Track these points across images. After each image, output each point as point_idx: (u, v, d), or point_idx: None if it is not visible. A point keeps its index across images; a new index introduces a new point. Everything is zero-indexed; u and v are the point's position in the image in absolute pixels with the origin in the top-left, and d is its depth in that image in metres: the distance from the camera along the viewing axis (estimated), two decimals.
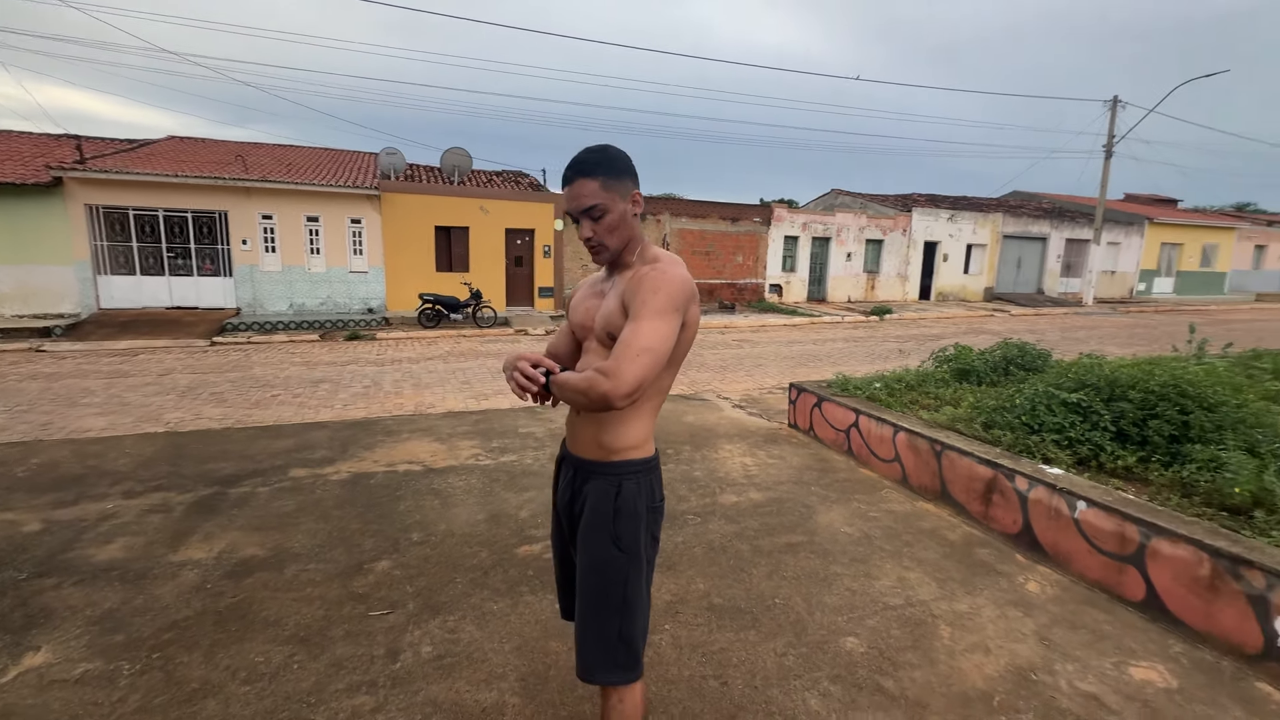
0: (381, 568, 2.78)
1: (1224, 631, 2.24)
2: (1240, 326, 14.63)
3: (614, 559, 1.34)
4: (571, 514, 1.44)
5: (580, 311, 1.45)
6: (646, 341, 1.19)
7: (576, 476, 1.43)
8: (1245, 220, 29.26)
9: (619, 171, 1.30)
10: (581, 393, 1.21)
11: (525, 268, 15.38)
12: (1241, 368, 4.78)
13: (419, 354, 9.65)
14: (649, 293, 1.24)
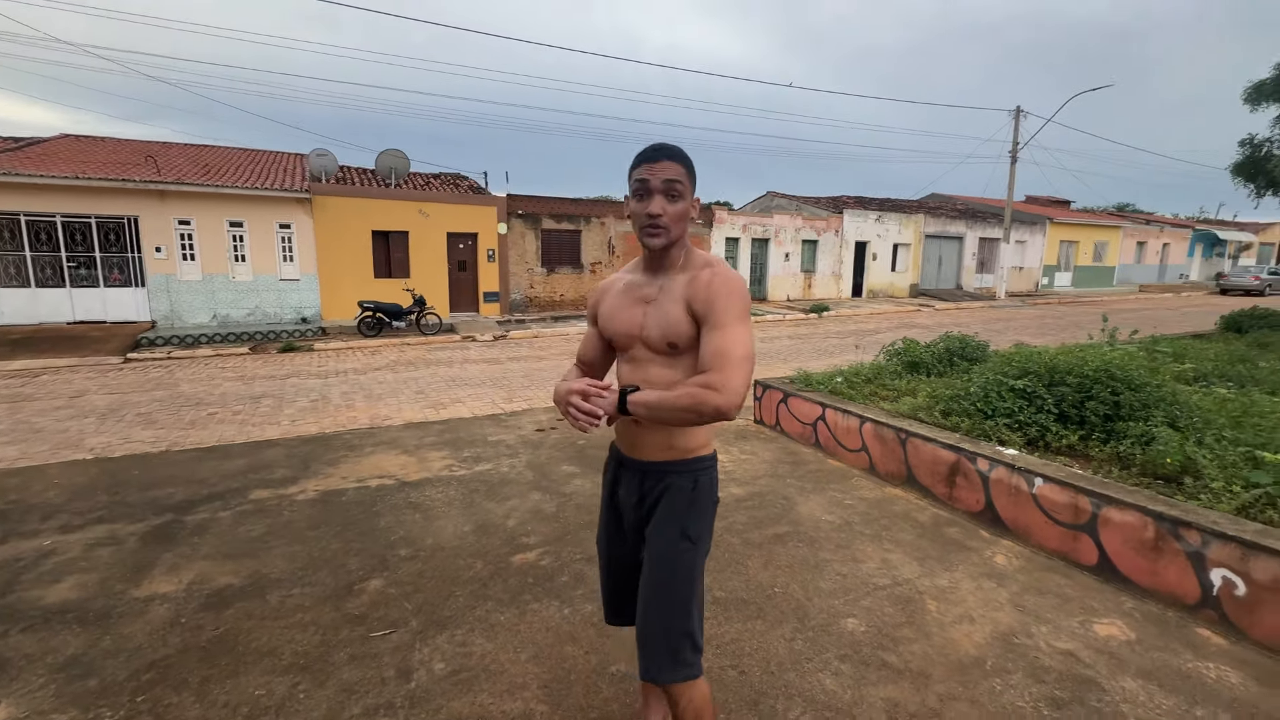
0: (374, 587, 2.68)
1: (1167, 586, 2.52)
2: (1131, 314, 16.25)
3: (683, 550, 1.37)
4: (640, 514, 1.46)
5: (621, 320, 1.41)
6: (745, 348, 1.20)
7: (646, 480, 1.44)
8: (1128, 219, 32.50)
9: (694, 174, 1.33)
10: (688, 409, 1.19)
11: (469, 272, 15.02)
12: (1146, 353, 5.35)
13: (364, 364, 9.25)
14: (728, 297, 1.24)
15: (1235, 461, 2.83)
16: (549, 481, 3.97)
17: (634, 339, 1.39)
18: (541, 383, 7.70)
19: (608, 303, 1.47)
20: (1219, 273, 29.14)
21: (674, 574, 1.38)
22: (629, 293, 1.43)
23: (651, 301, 1.36)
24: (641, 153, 1.31)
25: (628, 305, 1.41)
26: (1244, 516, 2.49)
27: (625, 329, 1.40)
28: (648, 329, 1.35)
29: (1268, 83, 7.63)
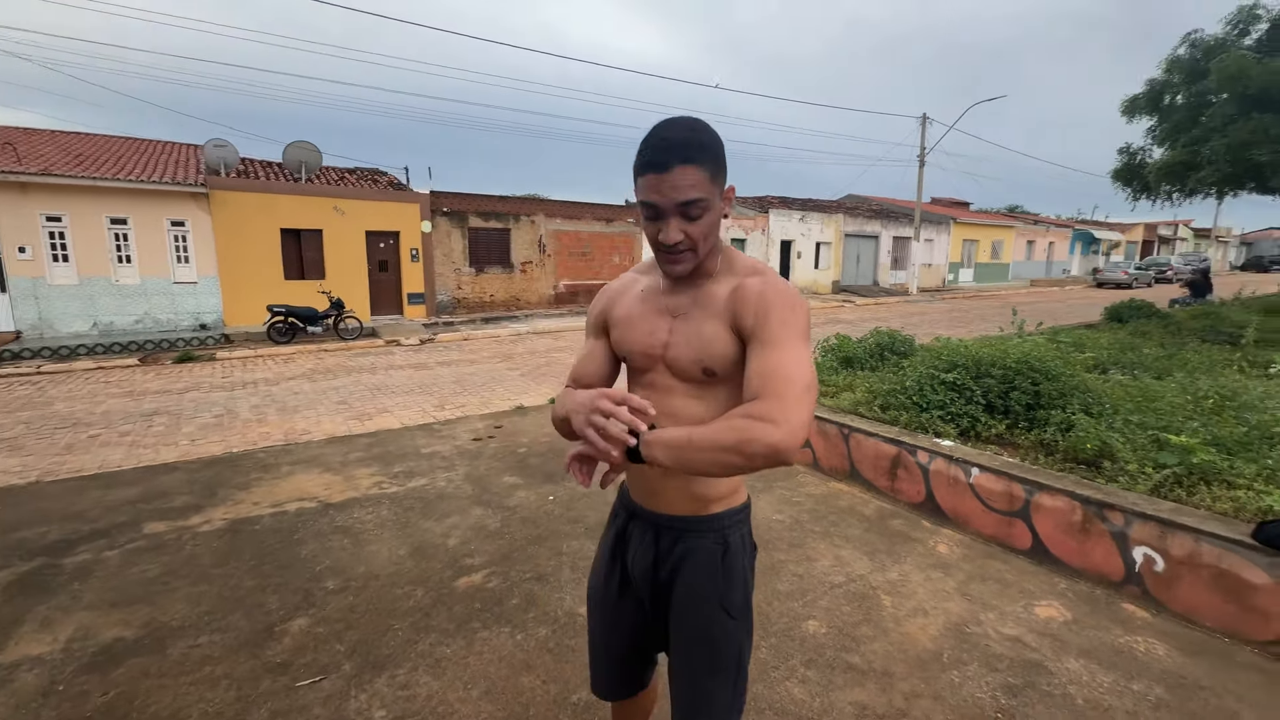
0: (298, 627, 2.39)
1: (1095, 566, 2.68)
2: (1028, 306, 17.72)
3: (726, 627, 1.12)
4: (655, 580, 1.17)
5: (639, 334, 1.11)
6: (807, 374, 0.93)
7: (661, 538, 1.16)
8: (1019, 220, 35.52)
9: (721, 159, 1.00)
10: (731, 449, 0.86)
11: (391, 273, 14.23)
12: (1052, 344, 5.77)
13: (276, 374, 8.52)
14: (787, 310, 0.97)
15: (1144, 444, 3.06)
16: (490, 495, 3.75)
17: (655, 359, 1.10)
18: (475, 388, 7.37)
19: (621, 309, 1.17)
20: (1095, 268, 32.47)
21: (719, 654, 1.12)
22: (650, 300, 1.13)
23: (680, 315, 1.08)
24: (645, 152, 0.97)
25: (648, 317, 1.12)
26: (1157, 496, 2.68)
27: (644, 345, 1.11)
28: (675, 348, 1.07)
29: (1140, 97, 8.52)
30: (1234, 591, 2.26)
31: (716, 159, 0.99)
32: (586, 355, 1.23)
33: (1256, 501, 2.47)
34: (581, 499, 3.67)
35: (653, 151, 0.96)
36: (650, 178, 0.97)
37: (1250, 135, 6.95)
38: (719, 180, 1.00)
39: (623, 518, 1.26)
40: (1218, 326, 8.51)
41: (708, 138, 0.99)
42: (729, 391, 1.06)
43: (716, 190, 1.00)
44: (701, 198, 0.97)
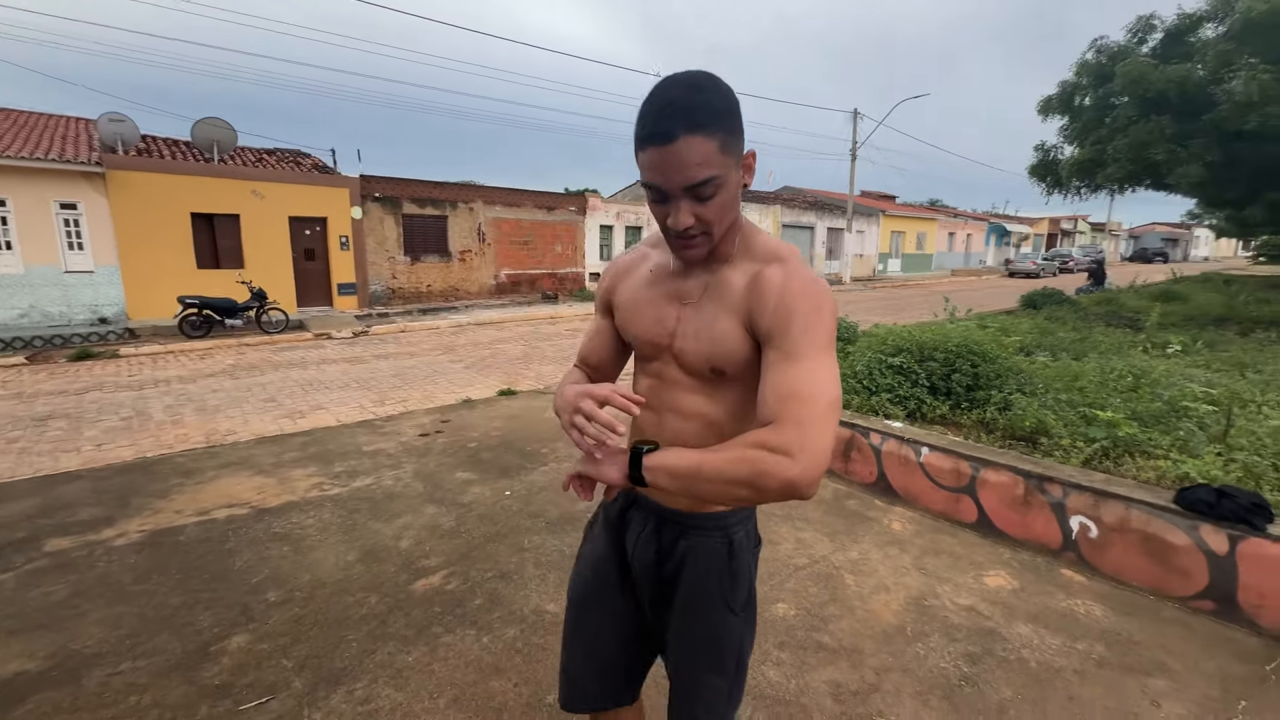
0: (237, 645, 2.19)
1: (1035, 535, 2.85)
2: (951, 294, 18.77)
3: (730, 626, 1.07)
4: (659, 577, 1.10)
5: (645, 321, 1.03)
6: (831, 392, 0.82)
7: (663, 531, 1.09)
8: (941, 213, 37.64)
9: (737, 122, 0.85)
10: (742, 483, 0.79)
11: (319, 262, 13.41)
12: (981, 329, 6.13)
13: (192, 371, 7.85)
14: (812, 314, 0.85)
15: (1074, 420, 3.28)
16: (443, 492, 3.59)
17: (661, 349, 1.01)
18: (416, 382, 7.05)
19: (626, 291, 1.07)
20: (1008, 259, 34.92)
21: (722, 653, 1.07)
22: (658, 283, 1.03)
23: (691, 303, 0.98)
24: (645, 120, 0.83)
25: (656, 301, 1.02)
26: (1089, 468, 2.88)
27: (650, 334, 1.02)
28: (683, 340, 0.98)
29: (1054, 98, 9.15)
30: (1159, 553, 2.45)
31: (730, 123, 0.84)
32: (594, 333, 1.14)
33: (1175, 470, 2.69)
34: (540, 493, 3.57)
35: (654, 119, 0.82)
36: (652, 152, 0.83)
37: (1149, 135, 7.61)
38: (734, 149, 0.85)
39: (620, 503, 1.16)
40: (1119, 312, 9.33)
41: (718, 98, 0.83)
42: (741, 390, 0.97)
43: (732, 161, 0.85)
44: (713, 176, 0.83)
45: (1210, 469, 2.62)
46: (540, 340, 10.38)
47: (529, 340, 10.35)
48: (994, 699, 1.93)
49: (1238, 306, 9.95)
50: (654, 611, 1.13)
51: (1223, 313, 9.55)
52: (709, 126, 0.81)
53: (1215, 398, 3.48)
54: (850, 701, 1.92)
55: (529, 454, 4.25)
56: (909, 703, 1.91)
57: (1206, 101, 7.20)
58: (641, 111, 0.85)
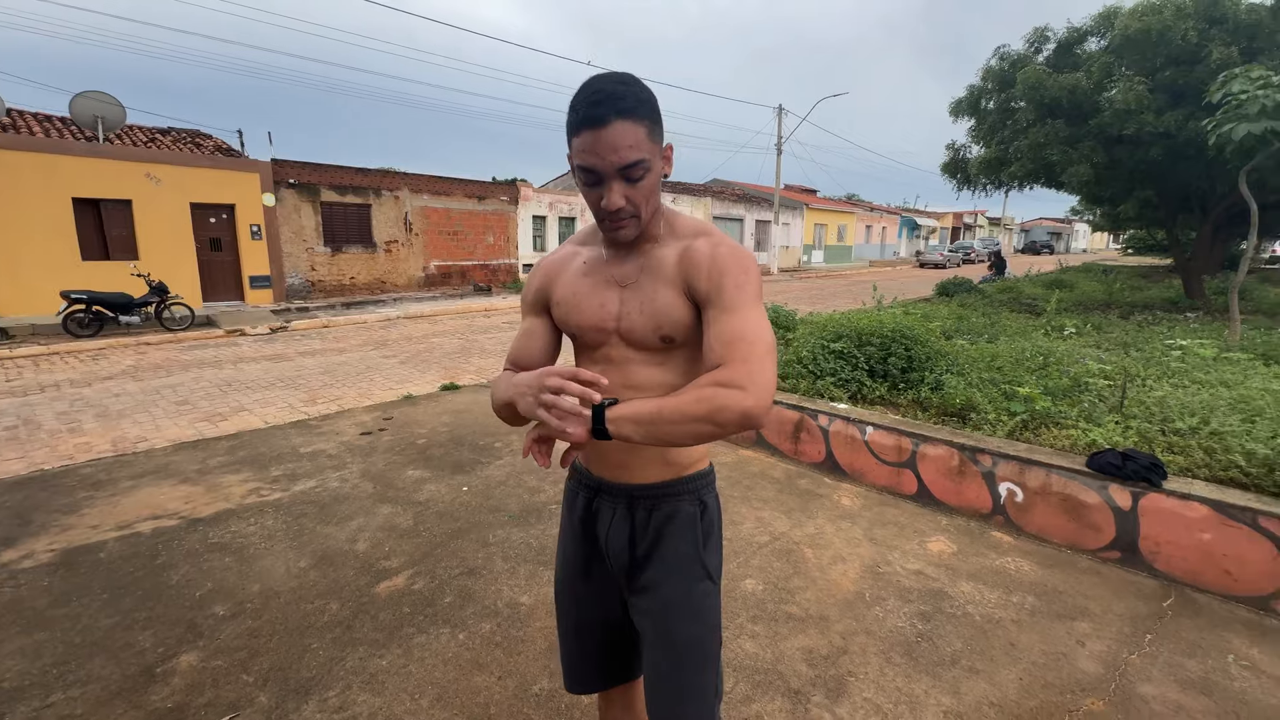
0: (187, 664, 2.04)
1: (968, 503, 3.11)
2: (873, 284, 19.94)
3: (706, 593, 1.11)
4: (633, 556, 1.13)
5: (588, 309, 1.07)
6: (768, 337, 0.92)
7: (635, 508, 1.12)
8: (859, 207, 39.66)
9: (658, 115, 0.96)
10: (702, 419, 0.86)
11: (227, 253, 12.38)
12: (907, 315, 6.55)
13: (85, 374, 7.07)
14: (741, 273, 0.96)
15: (997, 397, 3.60)
16: (396, 491, 3.45)
17: (608, 333, 1.06)
18: (349, 379, 6.70)
19: (564, 286, 1.11)
20: (918, 250, 37.34)
21: (705, 625, 1.11)
22: (594, 273, 1.09)
23: (630, 284, 1.05)
24: (579, 107, 0.91)
25: (595, 289, 1.07)
26: (1013, 439, 3.17)
27: (595, 320, 1.07)
28: (628, 319, 1.04)
29: (963, 101, 9.88)
30: (1074, 511, 2.75)
31: (654, 114, 0.95)
32: (525, 335, 1.16)
33: (1084, 437, 3.01)
34: (498, 487, 3.51)
35: (588, 106, 0.90)
36: (586, 135, 0.91)
37: (1045, 138, 8.38)
38: (657, 137, 0.96)
39: (585, 496, 1.19)
40: (1020, 299, 10.23)
41: (644, 92, 0.94)
42: (689, 355, 1.05)
43: (656, 149, 0.96)
44: (643, 159, 0.93)
45: (1112, 435, 2.96)
46: (476, 333, 10.11)
47: (464, 333, 10.05)
48: (947, 651, 2.11)
49: (1116, 293, 11.17)
50: (631, 593, 1.16)
51: (1105, 298, 10.69)
52: (637, 113, 0.91)
53: (1110, 373, 3.92)
54: (822, 665, 2.04)
55: (482, 448, 4.16)
56: (875, 660, 2.06)
57: (1093, 108, 8.01)
58: (574, 101, 0.93)
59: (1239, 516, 2.35)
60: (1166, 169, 8.31)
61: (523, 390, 0.94)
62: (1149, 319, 7.94)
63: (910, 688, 1.93)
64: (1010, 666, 2.03)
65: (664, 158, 1.00)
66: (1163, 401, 3.34)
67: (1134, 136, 7.83)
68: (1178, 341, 5.10)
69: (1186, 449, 2.80)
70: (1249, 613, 2.32)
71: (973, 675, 1.99)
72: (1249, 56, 7.02)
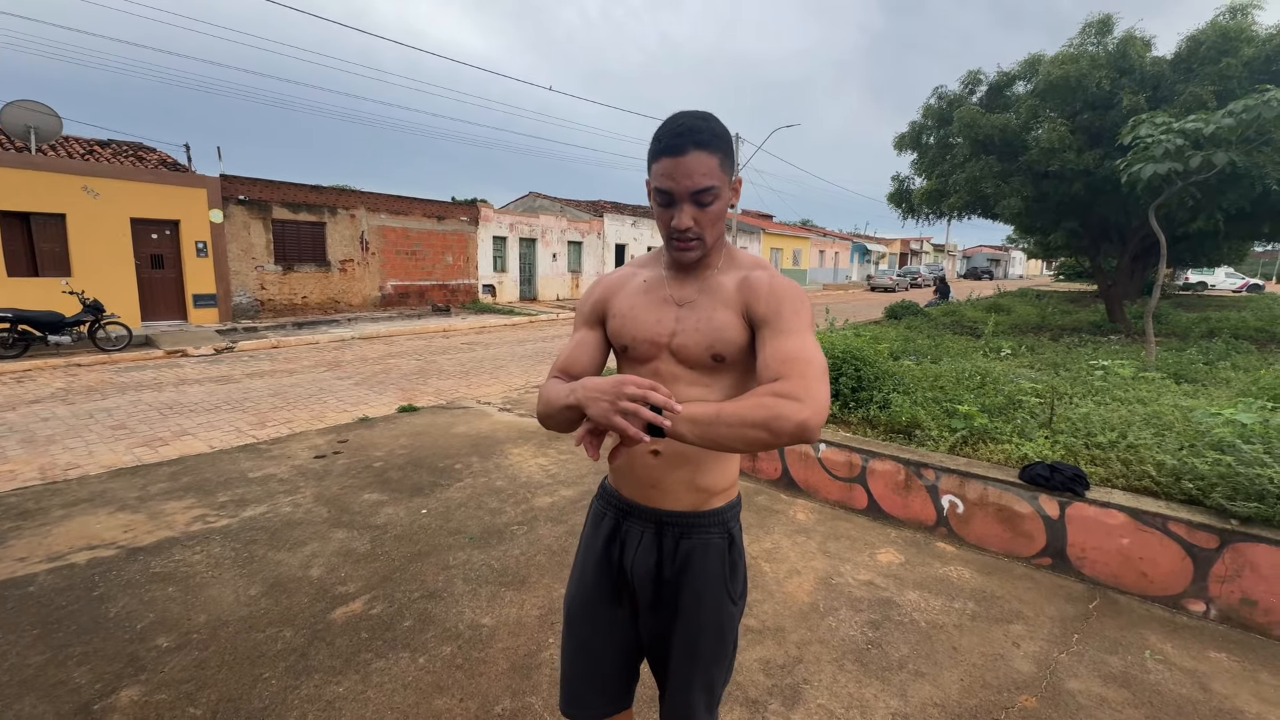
0: (128, 699, 1.95)
1: (914, 515, 3.27)
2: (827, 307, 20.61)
3: (731, 613, 1.17)
4: (660, 579, 1.15)
5: (644, 323, 1.12)
6: (823, 360, 0.98)
7: (664, 535, 1.14)
8: (813, 233, 41.11)
9: (731, 150, 1.05)
10: (759, 425, 0.88)
11: (169, 270, 11.86)
12: (858, 337, 6.84)
13: (9, 397, 6.62)
14: (797, 301, 1.04)
15: (939, 414, 3.81)
16: (351, 515, 3.38)
17: (660, 348, 1.11)
18: (300, 401, 6.50)
19: (621, 300, 1.17)
20: (869, 275, 38.91)
21: (725, 643, 1.17)
22: (654, 290, 1.15)
23: (687, 304, 1.11)
24: (661, 136, 1.02)
25: (653, 305, 1.13)
26: (954, 453, 3.36)
27: (649, 334, 1.11)
28: (683, 335, 1.09)
29: (906, 135, 10.50)
30: (1009, 521, 2.94)
31: (727, 148, 1.04)
32: (577, 345, 1.20)
33: (1016, 451, 3.23)
34: (459, 508, 3.48)
35: (670, 137, 1.00)
36: (665, 162, 1.01)
37: (980, 172, 8.98)
38: (728, 170, 1.04)
39: (612, 517, 1.21)
40: (961, 321, 10.79)
41: (720, 128, 1.03)
42: (734, 377, 1.10)
43: (726, 180, 1.04)
44: (714, 185, 1.01)
45: (1042, 449, 3.18)
46: (435, 354, 9.97)
47: (423, 354, 9.90)
48: (895, 656, 2.22)
49: (1048, 316, 11.92)
50: (653, 616, 1.18)
51: (1038, 321, 11.39)
52: (712, 145, 1.01)
53: (1040, 391, 4.21)
54: (779, 674, 2.11)
55: (441, 470, 4.12)
56: (828, 668, 2.15)
57: (1022, 145, 8.65)
58: (658, 132, 1.04)
59: (1151, 522, 2.57)
60: (1088, 203, 9.01)
61: (595, 395, 0.93)
62: (1076, 340, 8.51)
63: (861, 693, 2.03)
64: (953, 669, 2.15)
65: (733, 189, 1.07)
66: (1086, 417, 3.61)
67: (1059, 172, 8.48)
68: (1100, 362, 5.50)
69: (1106, 460, 3.04)
70: (1163, 611, 2.52)
71: (918, 678, 2.10)
72: (1154, 104, 7.74)
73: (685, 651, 1.15)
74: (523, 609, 2.48)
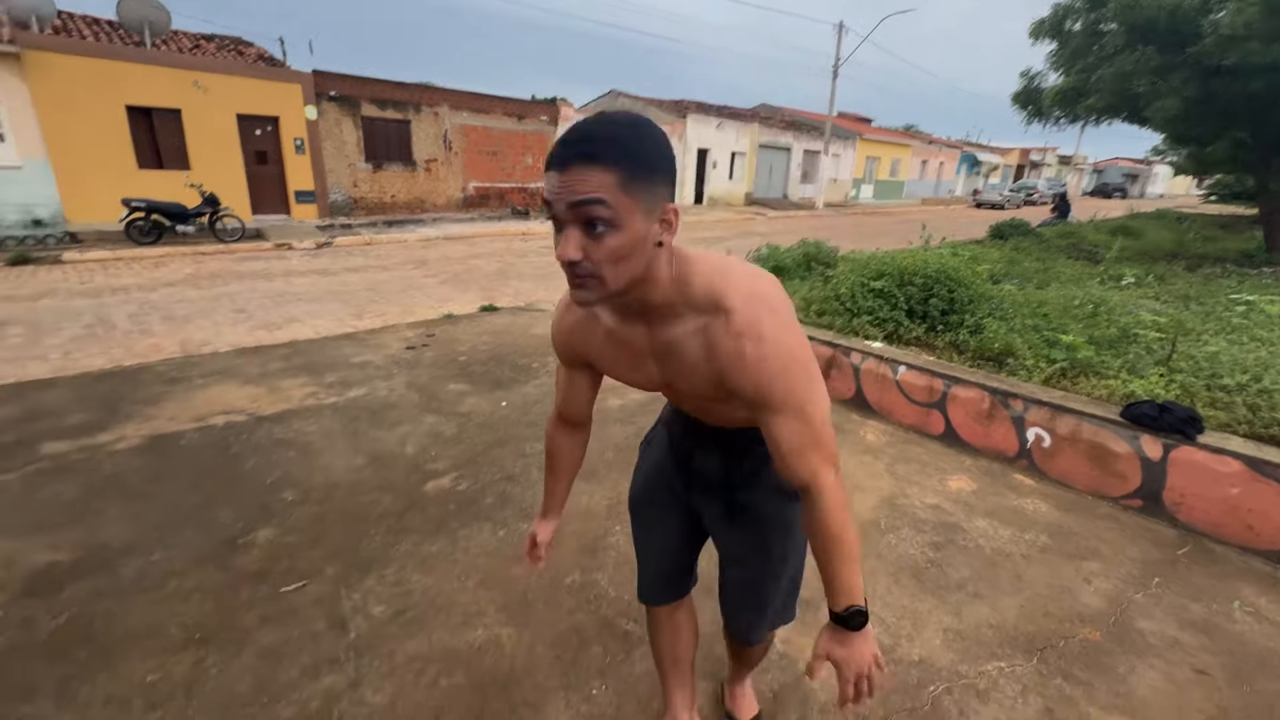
0: (264, 539, 2.31)
1: (994, 445, 3.14)
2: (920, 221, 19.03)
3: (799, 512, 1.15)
4: (727, 484, 1.18)
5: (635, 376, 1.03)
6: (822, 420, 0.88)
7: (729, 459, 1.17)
8: (916, 139, 37.18)
9: (649, 166, 0.77)
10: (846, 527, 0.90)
11: (272, 166, 12.55)
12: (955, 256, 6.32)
13: (150, 280, 7.48)
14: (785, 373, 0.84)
15: (1038, 343, 3.53)
16: (440, 403, 3.67)
17: (661, 387, 1.04)
18: (392, 296, 6.92)
19: (596, 352, 1.05)
20: (975, 189, 35.17)
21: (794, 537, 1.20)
22: (621, 345, 1.00)
23: (658, 355, 0.96)
24: (553, 149, 0.78)
25: (630, 359, 1.00)
26: (1048, 385, 3.15)
27: (644, 382, 1.03)
28: (676, 384, 0.99)
29: (1046, 21, 8.95)
30: (1101, 459, 2.77)
31: (639, 163, 0.76)
32: (569, 385, 1.17)
33: (1123, 388, 2.97)
34: (535, 405, 3.69)
35: (557, 147, 0.77)
36: (549, 176, 0.77)
37: (1133, 65, 7.60)
38: (641, 192, 0.77)
39: (680, 425, 1.22)
40: (1080, 245, 9.69)
41: (630, 135, 0.76)
42: None
43: (634, 204, 0.76)
44: (600, 200, 0.74)
45: (1154, 388, 2.91)
46: (514, 257, 10.19)
47: (503, 256, 10.15)
48: (954, 578, 2.23)
49: (1187, 243, 10.46)
50: (722, 520, 1.22)
51: (1173, 248, 10.04)
52: (606, 158, 0.74)
53: (1162, 325, 3.78)
54: None
55: (520, 368, 4.33)
56: (883, 580, 2.20)
57: (1193, 33, 7.17)
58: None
59: (1272, 473, 2.34)
60: (1268, 105, 7.51)
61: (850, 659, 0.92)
62: (1219, 272, 7.47)
63: (914, 605, 2.07)
64: (1013, 595, 2.14)
65: (661, 221, 0.81)
66: (1215, 357, 3.23)
67: (1235, 67, 7.04)
68: (1244, 297, 4.84)
69: (1230, 405, 2.75)
70: (1265, 565, 2.35)
71: (976, 600, 2.11)
72: None
73: (755, 545, 1.20)
74: (591, 498, 2.66)
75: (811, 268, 5.77)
